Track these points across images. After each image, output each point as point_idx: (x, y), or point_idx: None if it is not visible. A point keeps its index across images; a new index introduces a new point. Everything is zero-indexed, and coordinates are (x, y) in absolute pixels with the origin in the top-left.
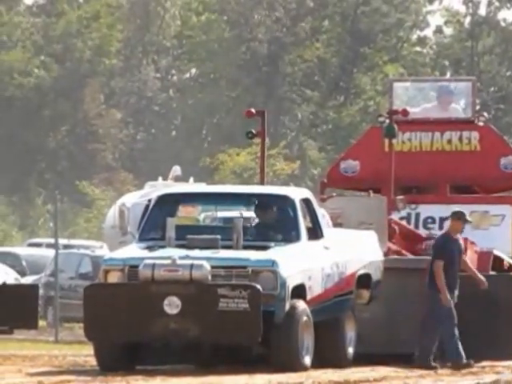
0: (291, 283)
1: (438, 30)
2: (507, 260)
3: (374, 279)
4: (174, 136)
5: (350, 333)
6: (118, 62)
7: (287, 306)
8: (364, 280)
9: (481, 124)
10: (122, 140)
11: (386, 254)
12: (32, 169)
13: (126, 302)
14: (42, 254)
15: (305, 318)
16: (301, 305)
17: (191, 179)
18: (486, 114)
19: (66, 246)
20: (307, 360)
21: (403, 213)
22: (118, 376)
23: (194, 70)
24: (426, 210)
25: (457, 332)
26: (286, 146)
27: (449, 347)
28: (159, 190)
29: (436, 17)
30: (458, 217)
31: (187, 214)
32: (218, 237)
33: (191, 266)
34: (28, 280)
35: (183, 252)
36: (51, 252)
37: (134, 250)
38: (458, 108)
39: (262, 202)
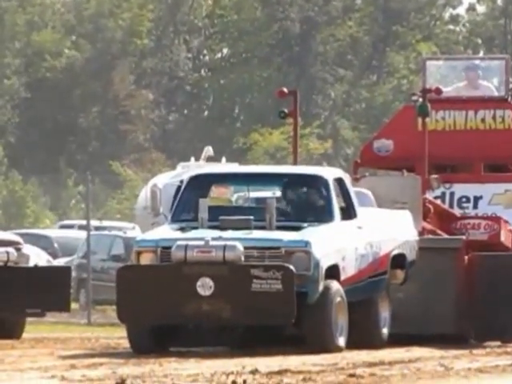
0: (325, 264)
1: (471, 8)
2: None
3: (408, 259)
4: (206, 116)
5: (385, 313)
6: (150, 42)
7: (321, 287)
8: (398, 260)
9: None
10: (154, 120)
11: (420, 234)
12: (63, 149)
13: (158, 283)
14: (73, 236)
15: (338, 299)
16: (334, 285)
17: (224, 159)
18: None
19: (97, 228)
20: (341, 341)
21: (437, 192)
22: (151, 358)
23: (225, 50)
24: (461, 189)
25: None
26: (319, 126)
27: None
28: (191, 171)
29: None
30: None
31: (220, 194)
32: (251, 217)
33: (224, 247)
34: (60, 262)
35: (216, 233)
36: (83, 234)
37: (166, 231)
38: (489, 85)
39: (294, 182)
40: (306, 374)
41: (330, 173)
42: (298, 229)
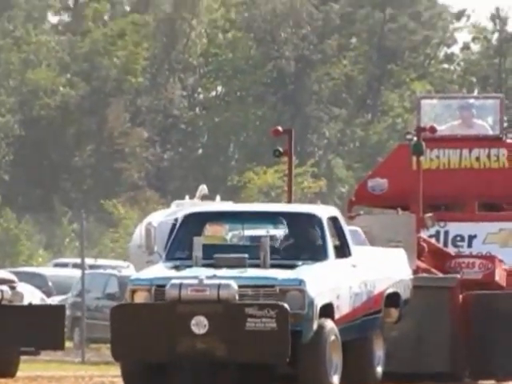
0: (319, 302)
1: (466, 47)
2: None
3: (402, 298)
4: (201, 154)
5: (379, 352)
6: (144, 80)
7: (315, 326)
8: (393, 298)
9: (509, 141)
10: (148, 159)
11: (415, 272)
12: (57, 187)
13: (152, 322)
14: (68, 275)
15: (333, 338)
16: (329, 324)
17: (218, 198)
18: None
19: (92, 266)
20: (336, 380)
21: (432, 230)
22: None
23: (220, 88)
24: (455, 228)
25: None
26: (314, 164)
27: None
28: (186, 209)
29: (463, 33)
30: None
31: (214, 232)
32: (246, 256)
33: (218, 286)
34: (54, 301)
35: (210, 271)
36: (77, 272)
37: (160, 270)
38: (484, 124)
39: (289, 221)
40: None
41: (324, 211)
42: (292, 267)
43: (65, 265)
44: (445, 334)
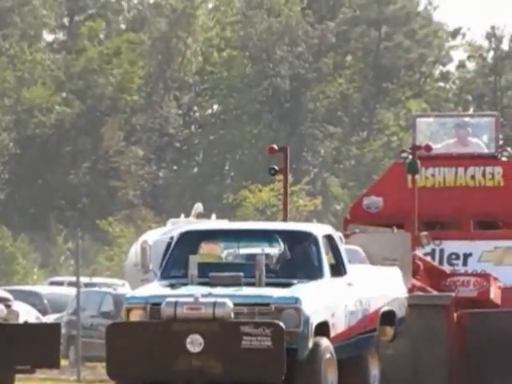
0: (314, 320)
1: (461, 65)
2: None
3: (398, 316)
4: (196, 173)
5: (374, 370)
6: (140, 99)
7: (310, 344)
8: (388, 317)
9: (504, 159)
10: (143, 177)
11: (410, 291)
12: (53, 206)
13: (148, 340)
14: (63, 293)
15: (328, 356)
16: (324, 342)
17: (213, 216)
18: (509, 149)
19: (87, 285)
20: None
21: (427, 249)
22: None
23: (215, 106)
24: (450, 246)
25: None
26: (309, 183)
27: None
28: (181, 227)
29: (459, 52)
30: None
31: (209, 251)
32: (241, 274)
33: (214, 304)
34: (49, 319)
35: (206, 290)
36: (73, 290)
37: (156, 288)
38: (479, 142)
39: (284, 239)
40: None
41: (319, 229)
42: (287, 285)
43: (60, 283)
44: (440, 353)
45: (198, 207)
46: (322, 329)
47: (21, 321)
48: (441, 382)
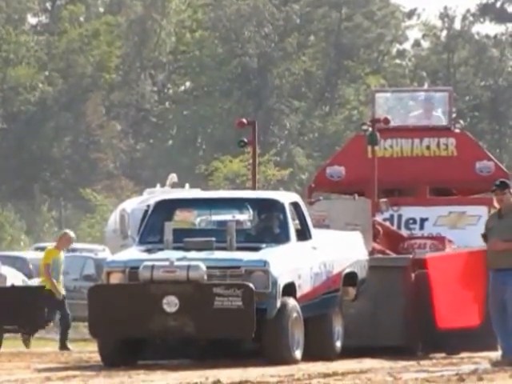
0: (282, 282)
1: (416, 44)
2: None
3: (359, 277)
4: (171, 145)
5: (338, 327)
6: (118, 77)
7: (278, 304)
8: (350, 278)
9: (457, 131)
10: (122, 149)
11: (370, 254)
12: (37, 177)
13: (127, 301)
14: None
15: (295, 315)
16: (291, 302)
17: (187, 185)
18: (461, 121)
19: (70, 250)
20: (298, 354)
21: (386, 214)
22: (120, 371)
23: (188, 84)
24: (408, 212)
25: None
26: (276, 154)
27: None
28: (157, 196)
29: (414, 31)
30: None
31: (184, 218)
32: (213, 239)
33: (188, 267)
34: (35, 282)
35: (180, 254)
36: None
37: (134, 253)
38: (440, 115)
39: (253, 206)
40: None
41: (286, 197)
42: (256, 249)
43: (45, 249)
44: (398, 311)
45: (173, 177)
46: (289, 289)
47: (8, 284)
48: (399, 337)
